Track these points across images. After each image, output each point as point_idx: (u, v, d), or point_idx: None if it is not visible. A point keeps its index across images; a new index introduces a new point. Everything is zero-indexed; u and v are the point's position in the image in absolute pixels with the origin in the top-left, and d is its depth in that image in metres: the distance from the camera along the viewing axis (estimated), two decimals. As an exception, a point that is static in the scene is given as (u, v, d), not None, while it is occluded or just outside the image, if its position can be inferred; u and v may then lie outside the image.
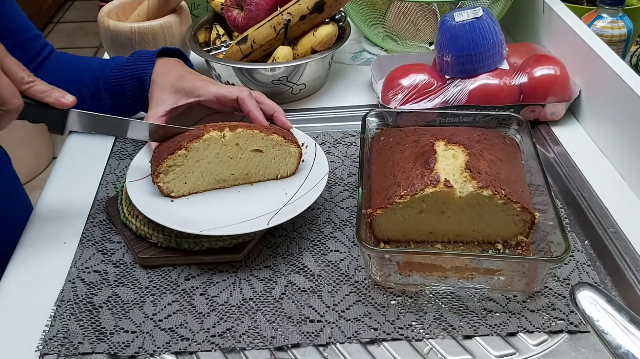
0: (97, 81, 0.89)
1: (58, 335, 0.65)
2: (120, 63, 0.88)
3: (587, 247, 0.75)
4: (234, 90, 0.82)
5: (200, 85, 0.83)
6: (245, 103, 0.80)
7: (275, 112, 0.82)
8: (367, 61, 1.13)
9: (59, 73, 0.91)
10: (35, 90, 0.68)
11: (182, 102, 0.84)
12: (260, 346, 0.64)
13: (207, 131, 0.74)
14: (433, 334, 0.65)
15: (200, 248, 0.73)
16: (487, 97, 0.91)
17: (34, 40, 0.90)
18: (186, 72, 0.86)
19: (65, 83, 0.89)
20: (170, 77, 0.85)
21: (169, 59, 0.88)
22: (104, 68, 0.89)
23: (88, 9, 3.63)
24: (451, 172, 0.69)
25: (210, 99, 0.83)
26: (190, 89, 0.83)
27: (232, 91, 0.82)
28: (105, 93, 0.89)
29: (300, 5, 0.94)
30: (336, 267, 0.73)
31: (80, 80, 0.89)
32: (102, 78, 0.89)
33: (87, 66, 0.91)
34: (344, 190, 0.84)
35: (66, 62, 0.93)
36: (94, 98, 0.89)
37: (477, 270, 0.67)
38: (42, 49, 0.92)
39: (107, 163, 0.90)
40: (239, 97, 0.81)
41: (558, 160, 0.88)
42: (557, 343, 0.64)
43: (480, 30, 0.89)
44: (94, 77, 0.89)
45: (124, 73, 0.87)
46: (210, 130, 0.74)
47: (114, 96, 0.89)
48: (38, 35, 0.91)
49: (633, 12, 1.05)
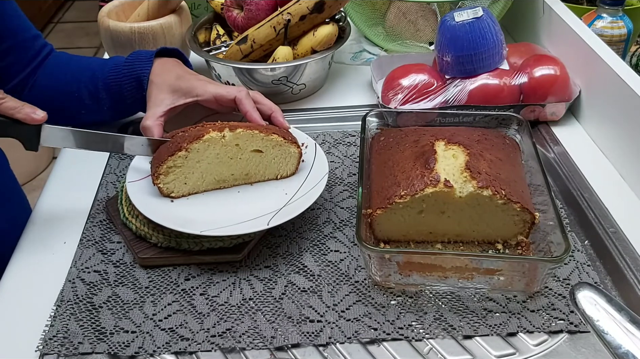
0: (96, 81, 0.89)
1: (58, 335, 0.65)
2: (119, 63, 0.88)
3: (587, 247, 0.75)
4: (232, 90, 0.82)
5: (199, 84, 0.83)
6: (243, 104, 0.80)
7: (273, 112, 0.82)
8: (367, 61, 1.13)
9: (58, 73, 0.91)
10: (5, 107, 0.69)
11: (180, 101, 0.83)
12: (260, 346, 0.64)
13: (206, 131, 0.74)
14: (433, 334, 0.65)
15: (200, 248, 0.73)
16: (487, 97, 0.91)
17: (33, 40, 0.90)
18: (184, 72, 0.86)
19: (64, 83, 0.89)
20: (168, 77, 0.85)
21: (167, 59, 0.88)
22: (103, 68, 0.89)
23: (88, 9, 3.63)
24: (451, 172, 0.69)
25: (209, 99, 0.83)
26: (188, 89, 0.83)
27: (230, 91, 0.82)
28: (103, 93, 0.89)
29: (300, 5, 0.94)
30: (336, 267, 0.73)
31: (79, 80, 0.89)
32: (100, 78, 0.88)
33: (86, 66, 0.91)
34: (344, 190, 0.84)
35: (65, 61, 0.93)
36: (93, 98, 0.89)
37: (477, 270, 0.67)
38: (42, 48, 0.91)
39: (107, 163, 0.90)
40: (236, 98, 0.81)
41: (558, 160, 0.88)
42: (557, 343, 0.64)
43: (480, 30, 0.89)
44: (92, 76, 0.89)
45: (122, 73, 0.87)
46: (210, 130, 0.74)
47: (112, 96, 0.89)
48: (37, 35, 0.91)
49: (633, 12, 1.05)
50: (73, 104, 0.89)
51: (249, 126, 0.76)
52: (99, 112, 0.91)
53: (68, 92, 0.89)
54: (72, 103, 0.89)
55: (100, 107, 0.90)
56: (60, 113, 0.91)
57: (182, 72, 0.86)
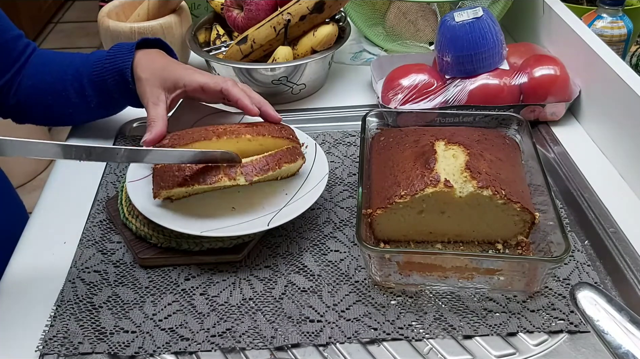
0: (81, 77, 0.86)
1: (58, 335, 0.65)
2: (102, 58, 0.85)
3: (587, 247, 0.75)
4: (219, 81, 0.80)
5: (185, 74, 0.81)
6: (231, 93, 0.78)
7: (262, 105, 0.80)
8: (367, 61, 1.13)
9: (43, 72, 0.88)
10: None
11: (171, 95, 0.81)
12: (260, 346, 0.64)
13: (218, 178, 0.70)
14: (433, 334, 0.65)
15: (201, 249, 0.73)
16: (487, 97, 0.91)
17: (15, 41, 0.88)
18: (169, 62, 0.83)
19: (50, 82, 0.87)
20: (154, 69, 0.82)
21: (150, 50, 0.85)
22: (86, 63, 0.86)
23: (88, 9, 3.63)
24: (451, 172, 0.69)
25: (195, 88, 0.80)
26: (175, 79, 0.80)
27: (216, 81, 0.80)
28: (89, 89, 0.86)
29: (300, 5, 0.95)
30: (336, 267, 0.73)
31: (64, 78, 0.86)
32: (84, 74, 0.86)
33: (70, 62, 0.88)
34: (344, 190, 0.84)
35: (49, 60, 0.90)
36: (79, 95, 0.86)
37: (477, 270, 0.67)
38: (25, 48, 0.89)
39: (107, 163, 0.90)
40: (222, 88, 0.79)
41: (558, 160, 0.88)
42: (557, 343, 0.64)
43: (480, 30, 0.89)
44: (77, 73, 0.86)
45: (105, 67, 0.84)
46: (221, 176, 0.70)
47: (98, 92, 0.86)
48: (19, 35, 0.89)
49: (633, 12, 1.05)
50: (61, 103, 0.87)
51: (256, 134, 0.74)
52: (88, 110, 0.89)
53: (55, 91, 0.87)
54: (60, 102, 0.87)
55: (88, 103, 0.87)
56: (49, 114, 0.90)
57: (166, 62, 0.83)
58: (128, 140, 0.94)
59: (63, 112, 0.89)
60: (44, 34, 3.39)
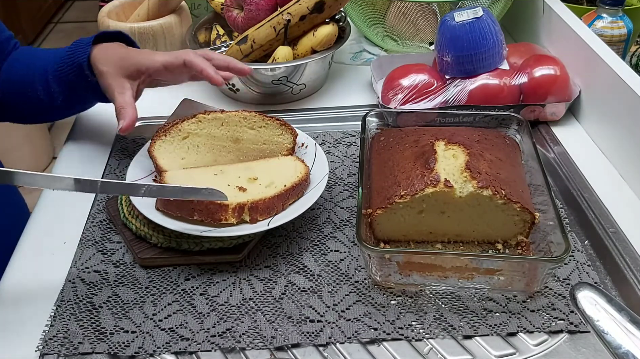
0: (46, 74, 0.85)
1: (58, 335, 0.65)
2: (63, 54, 0.85)
3: (587, 247, 0.75)
4: (180, 54, 0.79)
5: (145, 58, 0.80)
6: (194, 63, 0.78)
7: (228, 63, 0.80)
8: (367, 61, 1.13)
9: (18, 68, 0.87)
10: None
11: (136, 82, 0.81)
12: (260, 346, 0.64)
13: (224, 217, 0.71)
14: (433, 334, 0.65)
15: (201, 249, 0.73)
16: (487, 97, 0.91)
17: (6, 42, 0.88)
18: (128, 51, 0.82)
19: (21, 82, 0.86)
20: (114, 61, 0.81)
21: (107, 44, 0.84)
22: (53, 59, 0.86)
23: (88, 9, 3.63)
24: (451, 172, 0.69)
25: (158, 69, 0.80)
26: (136, 66, 0.80)
27: (177, 55, 0.79)
28: (54, 87, 0.85)
29: (300, 5, 0.94)
30: (336, 267, 0.73)
31: (33, 74, 0.86)
32: (50, 70, 0.85)
33: (40, 59, 0.87)
34: (344, 190, 0.84)
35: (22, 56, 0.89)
36: (46, 93, 0.85)
37: (477, 270, 0.67)
38: (13, 48, 0.89)
39: (107, 163, 0.90)
40: (185, 60, 0.79)
41: (558, 160, 0.88)
42: (557, 343, 0.64)
43: (480, 30, 0.89)
44: (43, 70, 0.85)
45: (65, 63, 0.84)
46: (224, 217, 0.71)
47: (62, 89, 0.85)
48: (10, 37, 0.89)
49: (633, 12, 1.05)
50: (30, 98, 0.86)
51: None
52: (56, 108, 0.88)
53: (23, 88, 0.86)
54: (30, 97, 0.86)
55: (55, 100, 0.86)
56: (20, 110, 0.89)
57: (125, 52, 0.82)
58: (128, 141, 0.94)
59: (33, 108, 0.88)
60: (44, 34, 3.39)
